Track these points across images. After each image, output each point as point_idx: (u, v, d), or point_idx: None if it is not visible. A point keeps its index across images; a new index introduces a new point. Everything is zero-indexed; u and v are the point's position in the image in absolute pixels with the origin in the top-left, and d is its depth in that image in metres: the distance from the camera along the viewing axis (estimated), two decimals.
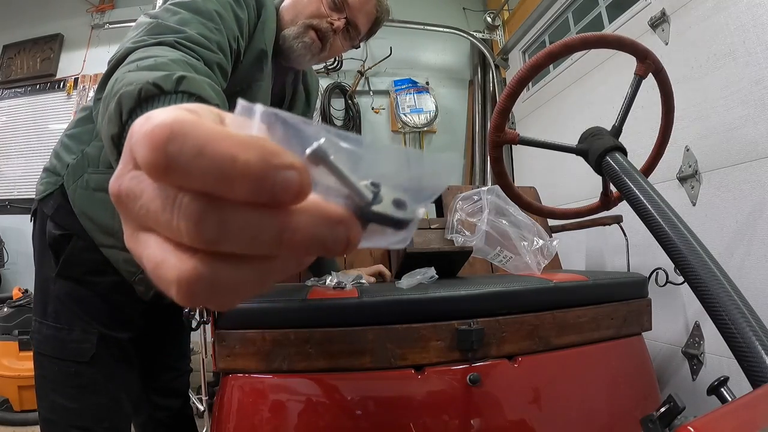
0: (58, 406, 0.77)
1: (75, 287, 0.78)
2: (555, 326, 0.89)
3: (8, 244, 2.52)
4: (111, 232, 0.77)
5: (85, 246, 0.77)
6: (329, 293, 0.86)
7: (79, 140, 0.81)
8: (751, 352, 0.45)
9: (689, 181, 1.38)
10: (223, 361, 0.80)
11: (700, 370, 1.34)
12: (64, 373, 0.77)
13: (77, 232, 0.77)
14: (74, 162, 0.79)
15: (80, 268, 0.78)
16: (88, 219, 0.77)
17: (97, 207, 0.76)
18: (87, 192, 0.77)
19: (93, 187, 0.77)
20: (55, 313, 0.78)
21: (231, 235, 0.16)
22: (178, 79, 0.38)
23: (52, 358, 0.77)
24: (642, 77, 0.78)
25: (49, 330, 0.78)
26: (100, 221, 0.76)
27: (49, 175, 0.81)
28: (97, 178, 0.77)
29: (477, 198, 1.27)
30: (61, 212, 0.78)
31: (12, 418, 1.87)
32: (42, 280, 0.81)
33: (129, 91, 0.36)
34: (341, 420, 0.78)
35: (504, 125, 0.82)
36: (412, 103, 2.87)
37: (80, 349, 0.77)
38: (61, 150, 0.82)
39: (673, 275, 1.13)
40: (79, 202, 0.77)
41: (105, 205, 0.76)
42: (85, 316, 0.78)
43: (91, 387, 0.77)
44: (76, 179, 0.78)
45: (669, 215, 0.60)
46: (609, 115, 0.81)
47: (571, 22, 2.26)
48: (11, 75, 2.81)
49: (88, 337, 0.77)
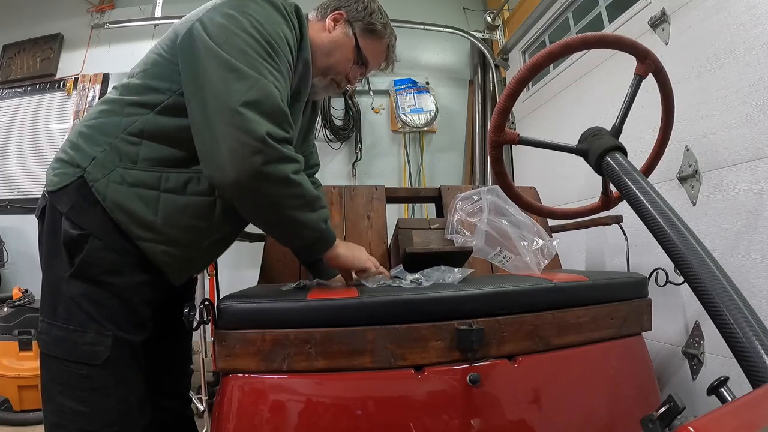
0: (67, 409, 0.75)
1: (91, 288, 0.77)
2: (555, 326, 0.89)
3: (8, 244, 2.52)
4: (151, 227, 0.78)
5: (103, 246, 0.77)
6: (329, 293, 0.86)
7: (103, 132, 0.80)
8: (751, 352, 0.45)
9: (689, 181, 1.38)
10: (223, 361, 0.80)
11: (700, 370, 1.34)
12: (74, 375, 0.75)
13: (94, 232, 0.77)
14: (102, 155, 0.78)
15: (97, 268, 0.77)
16: (123, 213, 0.77)
17: (136, 202, 0.77)
18: (123, 186, 0.77)
19: (130, 183, 0.78)
20: (67, 313, 0.76)
21: None
22: (326, 218, 0.87)
23: (63, 360, 0.75)
24: (642, 77, 0.78)
25: (60, 331, 0.76)
26: (139, 215, 0.77)
27: (64, 166, 0.80)
28: (137, 174, 0.78)
29: (477, 198, 1.27)
30: (77, 210, 0.77)
31: (12, 418, 1.87)
32: (52, 279, 0.79)
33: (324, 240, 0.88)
34: (341, 420, 0.78)
35: (504, 125, 0.82)
36: (412, 102, 2.87)
37: (93, 351, 0.75)
38: (80, 141, 0.81)
39: (673, 275, 1.13)
40: (114, 196, 0.77)
41: (146, 200, 0.78)
42: (100, 317, 0.76)
43: (102, 390, 0.76)
44: (107, 173, 0.77)
45: (669, 215, 0.60)
46: (609, 115, 0.81)
47: (571, 22, 2.26)
48: (11, 75, 2.81)
49: (102, 340, 0.76)
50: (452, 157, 2.94)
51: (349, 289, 0.90)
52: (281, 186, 0.75)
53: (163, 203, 0.79)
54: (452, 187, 1.58)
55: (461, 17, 3.00)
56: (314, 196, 0.82)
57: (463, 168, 2.93)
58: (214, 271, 1.18)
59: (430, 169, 2.89)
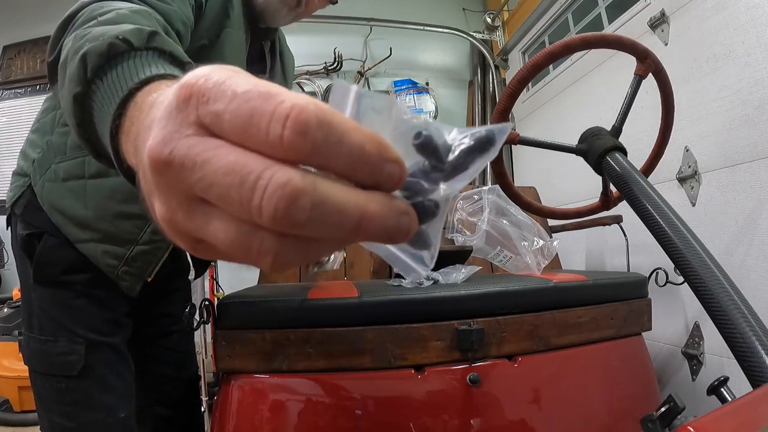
0: (57, 426, 0.70)
1: (54, 291, 0.70)
2: (555, 326, 0.89)
3: (8, 245, 2.51)
4: (85, 225, 0.69)
5: (58, 243, 0.69)
6: (329, 293, 0.86)
7: (43, 132, 0.73)
8: (751, 352, 0.45)
9: (689, 182, 1.38)
10: (223, 361, 0.80)
11: (700, 370, 1.34)
12: (55, 389, 0.69)
13: (49, 230, 0.69)
14: (39, 156, 0.71)
15: (55, 268, 0.69)
16: (59, 214, 0.69)
17: (68, 198, 0.69)
18: (56, 184, 0.69)
19: (62, 177, 0.69)
20: (39, 324, 0.70)
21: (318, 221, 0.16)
22: (149, 35, 0.33)
23: (42, 374, 0.70)
24: (642, 77, 0.78)
25: (36, 343, 0.70)
26: (73, 213, 0.69)
27: (17, 179, 0.74)
28: (66, 165, 0.69)
29: (477, 197, 1.27)
30: (30, 210, 0.71)
31: (12, 419, 1.87)
32: (24, 290, 0.74)
33: (95, 47, 0.32)
34: (341, 420, 0.78)
35: None
36: (412, 103, 2.87)
37: (67, 361, 0.68)
38: (27, 148, 0.74)
39: (673, 275, 1.13)
40: (48, 197, 0.69)
41: (77, 194, 0.69)
42: (69, 322, 0.69)
43: (85, 403, 0.69)
44: (43, 173, 0.70)
45: (669, 215, 0.60)
46: (609, 115, 0.81)
47: (571, 23, 2.26)
48: (11, 76, 2.81)
49: (75, 348, 0.68)
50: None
51: (350, 289, 0.90)
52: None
53: (89, 191, 0.69)
54: None
55: (461, 18, 3.00)
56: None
57: None
58: (214, 271, 1.17)
59: None
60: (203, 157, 0.17)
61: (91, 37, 0.34)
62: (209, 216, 0.18)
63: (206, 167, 0.17)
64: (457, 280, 0.95)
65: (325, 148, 0.16)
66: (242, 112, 0.16)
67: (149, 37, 0.33)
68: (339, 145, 0.17)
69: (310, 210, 0.16)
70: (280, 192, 0.16)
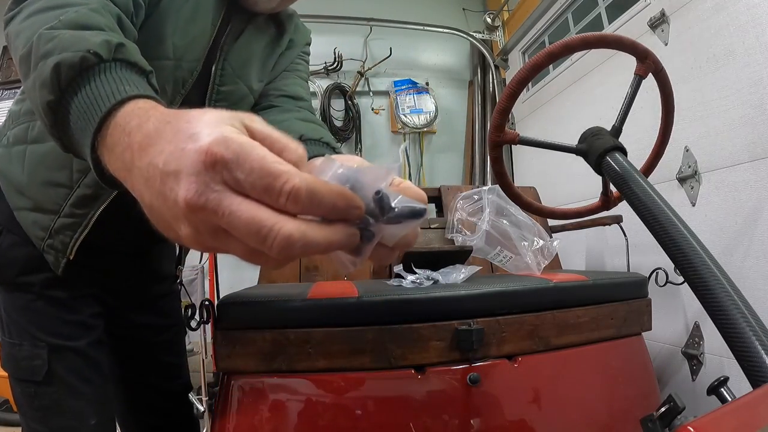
0: (33, 430, 0.69)
1: (13, 294, 0.68)
2: (555, 326, 0.89)
3: None
4: (22, 189, 0.66)
5: (14, 241, 0.67)
6: (329, 293, 0.86)
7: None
8: (751, 352, 0.45)
9: (689, 182, 1.38)
10: (223, 361, 0.80)
11: (700, 370, 1.34)
12: (26, 394, 0.67)
13: (7, 225, 0.67)
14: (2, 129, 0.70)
15: (12, 270, 0.67)
16: (4, 178, 0.67)
17: (13, 163, 0.66)
18: (6, 150, 0.67)
19: (12, 142, 0.67)
20: (7, 327, 0.68)
21: (305, 252, 0.27)
22: (116, 47, 0.37)
23: (15, 378, 0.68)
24: (642, 77, 0.78)
25: (6, 347, 0.68)
26: (13, 178, 0.66)
27: None
28: (15, 131, 0.67)
29: (478, 197, 1.27)
30: None
31: (12, 419, 1.87)
32: None
33: (68, 59, 0.35)
34: (341, 420, 0.78)
35: (504, 125, 0.82)
36: (412, 103, 2.87)
37: (32, 366, 0.66)
38: None
39: (673, 275, 1.14)
40: (1, 163, 0.67)
41: (19, 159, 0.66)
42: (31, 326, 0.66)
43: (54, 408, 0.67)
44: (0, 140, 0.68)
45: (669, 215, 0.60)
46: (609, 115, 0.81)
47: (571, 23, 2.26)
48: (11, 76, 2.81)
49: (37, 353, 0.66)
50: (452, 158, 2.94)
51: (350, 289, 0.90)
52: None
53: (28, 156, 0.66)
54: (452, 187, 1.58)
55: (461, 18, 3.00)
56: None
57: (462, 168, 2.93)
58: (214, 271, 1.17)
59: (430, 169, 2.89)
60: (230, 210, 0.25)
61: (60, 46, 0.37)
62: (229, 238, 0.27)
63: (232, 217, 0.25)
64: (457, 280, 0.95)
65: (312, 207, 0.27)
66: (259, 187, 0.25)
67: (116, 49, 0.38)
68: (320, 205, 0.27)
69: (301, 249, 0.26)
70: (283, 242, 0.25)
